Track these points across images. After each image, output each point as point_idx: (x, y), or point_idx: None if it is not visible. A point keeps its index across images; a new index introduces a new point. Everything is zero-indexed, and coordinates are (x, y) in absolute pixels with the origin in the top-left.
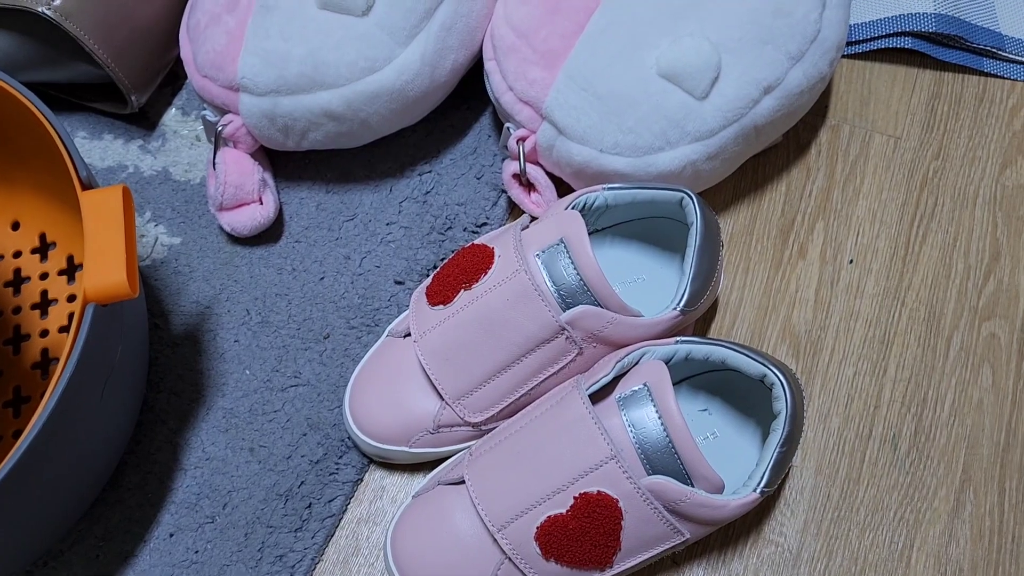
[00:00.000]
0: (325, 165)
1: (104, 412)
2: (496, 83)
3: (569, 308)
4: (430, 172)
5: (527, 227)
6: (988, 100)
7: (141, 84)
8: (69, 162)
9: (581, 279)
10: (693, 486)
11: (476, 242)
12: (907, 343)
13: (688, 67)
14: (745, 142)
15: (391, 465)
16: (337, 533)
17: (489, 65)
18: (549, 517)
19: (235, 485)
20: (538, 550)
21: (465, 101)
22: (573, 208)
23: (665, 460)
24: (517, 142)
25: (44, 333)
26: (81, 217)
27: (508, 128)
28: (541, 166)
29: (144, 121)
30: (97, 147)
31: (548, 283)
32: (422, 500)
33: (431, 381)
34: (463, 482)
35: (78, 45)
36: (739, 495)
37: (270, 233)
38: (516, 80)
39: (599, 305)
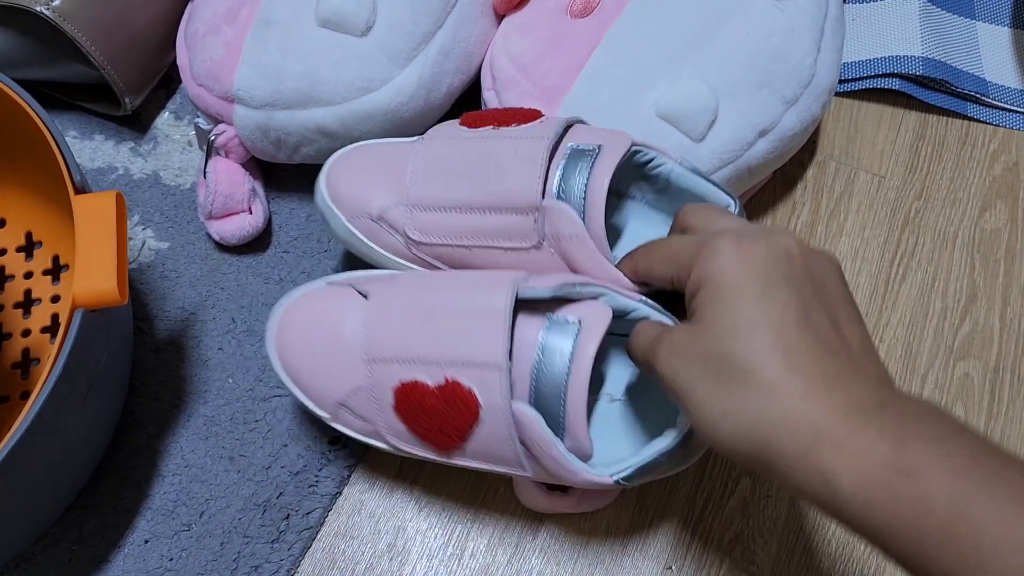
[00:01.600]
0: (316, 176)
1: (86, 417)
2: None
3: None
4: None
5: (582, 123)
6: (971, 144)
7: (136, 87)
8: (63, 165)
9: (584, 196)
10: (563, 437)
11: (532, 106)
12: None
13: (686, 110)
14: (738, 181)
15: (371, 479)
16: (314, 546)
17: (488, 95)
18: (416, 381)
19: (213, 493)
20: (392, 401)
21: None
22: (636, 151)
23: (552, 400)
24: None
25: (26, 333)
26: (69, 218)
27: None
28: None
29: (136, 123)
30: (87, 147)
31: (558, 173)
32: (329, 290)
33: (407, 177)
34: (367, 297)
35: (74, 45)
36: (596, 471)
37: (258, 242)
38: None
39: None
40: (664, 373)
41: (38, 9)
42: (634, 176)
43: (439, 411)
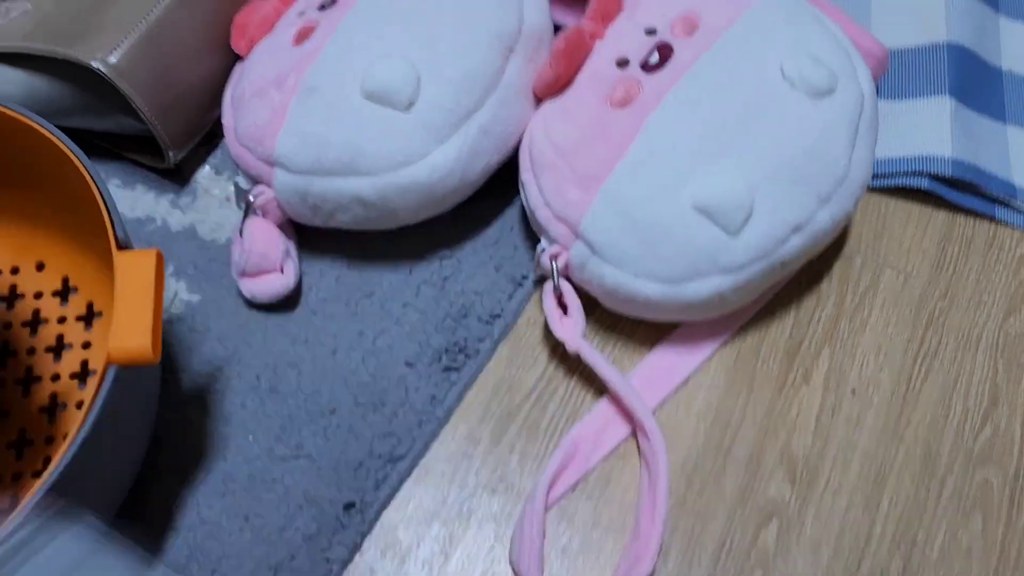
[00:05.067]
0: (349, 239)
1: (109, 468)
2: (533, 196)
3: None
4: (451, 258)
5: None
6: (997, 247)
7: (180, 142)
8: (108, 220)
9: None
10: None
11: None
12: (902, 480)
13: (723, 205)
14: (771, 275)
15: (382, 548)
16: None
17: (526, 176)
18: None
19: (226, 551)
20: None
21: (491, 191)
22: None
23: None
24: (550, 259)
25: (55, 377)
26: (105, 266)
27: (541, 248)
28: (570, 281)
29: (177, 176)
30: (128, 196)
31: None
32: None
33: None
34: None
35: (124, 99)
36: None
37: (288, 301)
38: (553, 197)
39: None
40: None
41: (94, 65)
42: None
43: None
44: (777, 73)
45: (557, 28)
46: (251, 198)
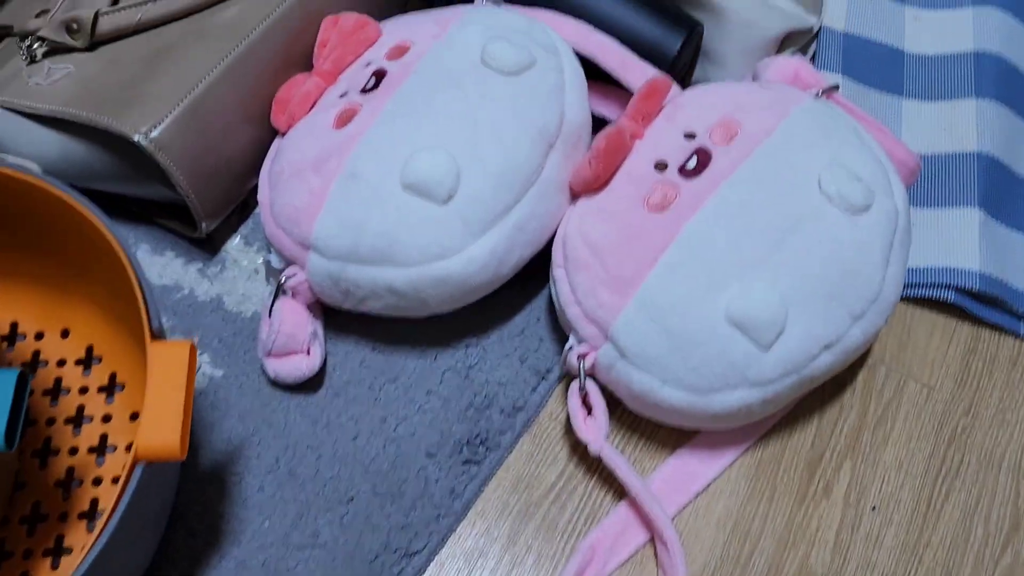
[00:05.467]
0: (376, 321)
1: (128, 556)
2: (564, 293)
3: None
4: (476, 346)
5: None
6: (1022, 364)
7: (214, 213)
8: (144, 310)
9: None
10: None
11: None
12: None
13: (757, 319)
14: (799, 388)
15: None
16: None
17: (558, 272)
18: None
19: None
20: None
21: (520, 281)
22: None
23: None
24: (578, 358)
25: (73, 451)
26: (130, 336)
27: (569, 346)
28: (596, 381)
29: (208, 244)
30: (157, 263)
31: None
32: None
33: None
34: None
35: (160, 169)
36: None
37: (311, 381)
38: (586, 297)
39: None
40: None
41: (136, 139)
42: None
43: None
44: (815, 187)
45: (594, 118)
46: (283, 278)
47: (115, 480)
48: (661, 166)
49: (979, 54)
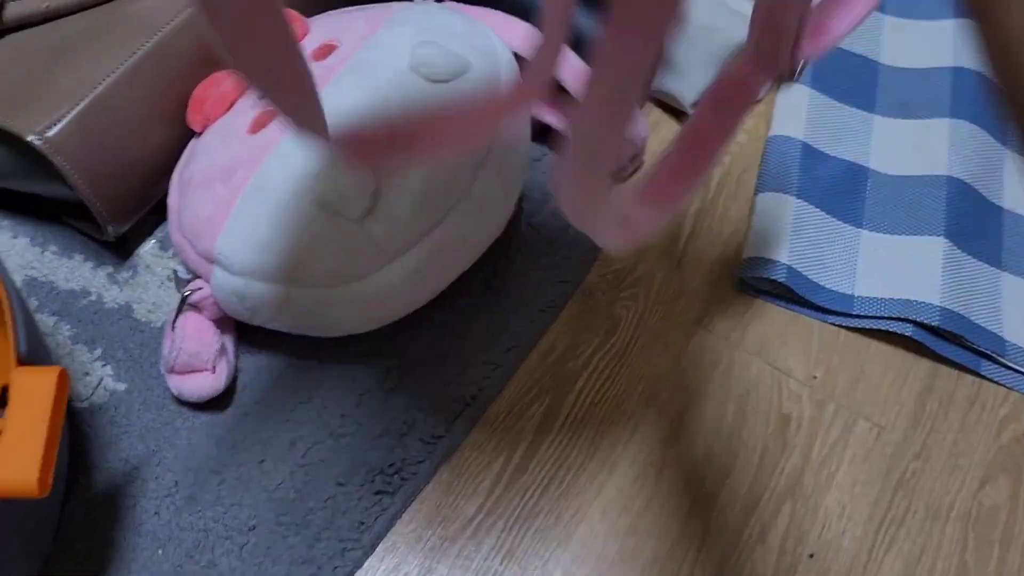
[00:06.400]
0: (291, 337)
1: None
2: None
3: None
4: (396, 368)
5: None
6: (980, 405)
7: (121, 217)
8: (12, 331)
9: None
10: None
11: None
12: None
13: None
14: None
15: None
16: None
17: None
18: None
19: None
20: None
21: (448, 299)
22: None
23: None
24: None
25: None
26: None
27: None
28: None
29: (120, 248)
30: (65, 266)
31: None
32: None
33: None
34: None
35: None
36: None
37: (219, 399)
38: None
39: None
40: None
41: (29, 139)
42: None
43: None
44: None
45: (548, 129)
46: (186, 292)
47: None
48: None
49: (958, 70)
